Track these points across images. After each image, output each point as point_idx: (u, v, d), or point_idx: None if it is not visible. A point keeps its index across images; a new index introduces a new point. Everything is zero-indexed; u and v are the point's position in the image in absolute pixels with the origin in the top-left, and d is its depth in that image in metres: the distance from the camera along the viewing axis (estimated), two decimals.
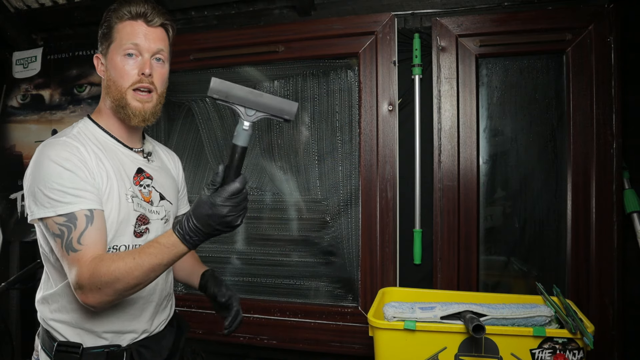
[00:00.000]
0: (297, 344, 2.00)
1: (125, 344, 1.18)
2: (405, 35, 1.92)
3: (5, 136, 2.53)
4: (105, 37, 1.18)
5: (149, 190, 1.22)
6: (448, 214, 1.85)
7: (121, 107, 1.16)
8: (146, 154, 1.28)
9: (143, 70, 1.14)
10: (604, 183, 1.73)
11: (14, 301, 2.45)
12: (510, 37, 1.82)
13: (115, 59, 1.15)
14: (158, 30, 1.18)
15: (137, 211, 1.17)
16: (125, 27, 1.15)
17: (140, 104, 1.16)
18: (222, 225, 0.97)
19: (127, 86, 1.15)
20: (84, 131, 1.18)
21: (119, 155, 1.19)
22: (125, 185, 1.16)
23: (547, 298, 1.50)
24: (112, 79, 1.16)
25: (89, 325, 1.14)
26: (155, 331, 1.26)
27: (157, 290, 1.24)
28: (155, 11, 1.17)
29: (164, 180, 1.30)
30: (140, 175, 1.21)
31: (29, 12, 2.41)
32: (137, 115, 1.16)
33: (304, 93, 2.09)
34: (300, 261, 2.09)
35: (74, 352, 1.13)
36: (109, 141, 1.20)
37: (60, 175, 1.05)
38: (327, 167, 2.05)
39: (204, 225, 0.97)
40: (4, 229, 2.49)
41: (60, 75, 2.45)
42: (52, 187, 1.04)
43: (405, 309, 1.42)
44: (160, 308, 1.27)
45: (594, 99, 1.74)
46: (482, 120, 1.89)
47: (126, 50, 1.14)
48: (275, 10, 2.16)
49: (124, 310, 1.17)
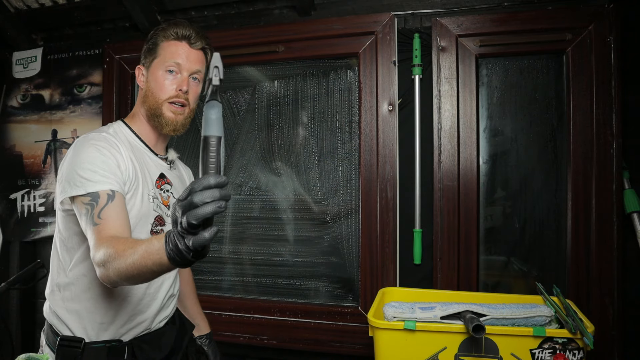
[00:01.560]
0: (297, 344, 2.00)
1: (127, 339, 1.22)
2: (405, 35, 1.92)
3: (5, 136, 2.53)
4: (150, 51, 1.29)
5: (167, 195, 1.32)
6: (448, 214, 1.85)
7: (156, 115, 1.26)
8: (169, 161, 1.38)
9: (181, 87, 1.25)
10: (604, 183, 1.73)
11: (14, 301, 2.45)
12: (510, 37, 1.82)
13: (156, 73, 1.26)
14: (199, 53, 1.29)
15: (156, 212, 1.26)
16: (170, 46, 1.26)
17: (174, 115, 1.26)
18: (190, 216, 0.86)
19: (164, 98, 1.25)
20: (118, 132, 1.27)
21: (145, 159, 1.29)
22: (148, 186, 1.25)
23: (547, 298, 1.50)
24: (151, 90, 1.26)
25: (98, 316, 1.18)
26: (155, 328, 1.29)
27: (163, 289, 1.29)
28: (198, 35, 1.28)
29: (181, 189, 1.36)
30: (162, 180, 1.32)
31: (29, 12, 2.41)
32: (169, 125, 1.26)
33: (304, 93, 2.09)
34: (300, 261, 2.09)
35: (76, 346, 1.17)
36: (138, 144, 1.29)
37: (95, 158, 1.13)
38: (327, 167, 2.05)
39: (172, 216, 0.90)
40: (4, 229, 2.49)
41: (60, 75, 2.45)
42: (86, 167, 1.12)
43: (405, 309, 1.42)
44: (163, 304, 1.31)
45: (594, 99, 1.74)
46: (482, 120, 1.89)
47: (168, 67, 1.25)
48: (275, 10, 2.16)
49: (132, 303, 1.22)
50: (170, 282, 1.33)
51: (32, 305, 2.51)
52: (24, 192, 2.48)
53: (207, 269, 2.21)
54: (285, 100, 2.11)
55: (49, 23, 2.45)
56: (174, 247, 0.79)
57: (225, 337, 2.08)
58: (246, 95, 2.17)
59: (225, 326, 2.09)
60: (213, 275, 2.20)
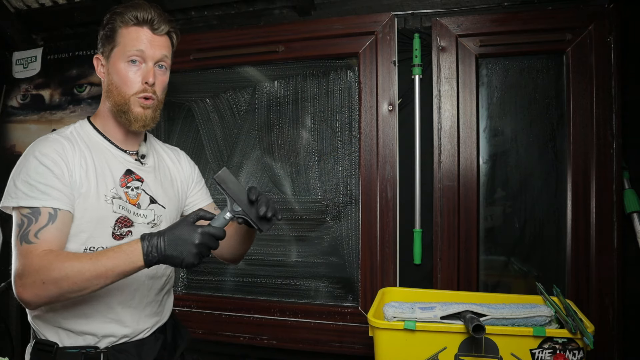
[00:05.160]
0: (297, 344, 2.00)
1: (103, 346, 1.16)
2: (405, 35, 1.92)
3: (5, 136, 2.53)
4: (107, 39, 1.17)
5: (137, 193, 1.21)
6: (448, 214, 1.85)
7: (123, 112, 1.17)
8: (140, 156, 1.27)
9: (147, 79, 1.15)
10: (604, 183, 1.73)
11: (14, 301, 2.45)
12: (510, 37, 1.82)
13: (118, 65, 1.15)
14: (163, 38, 1.18)
15: (117, 213, 1.16)
16: (130, 33, 1.15)
17: (142, 110, 1.17)
18: (185, 253, 1.00)
19: (130, 94, 1.15)
20: (78, 131, 1.19)
21: (107, 156, 1.19)
22: (107, 186, 1.15)
23: (547, 298, 1.50)
24: (115, 85, 1.16)
25: (66, 325, 1.14)
26: (137, 338, 1.22)
27: (137, 296, 1.21)
28: (161, 18, 1.17)
29: (159, 183, 1.28)
30: (128, 177, 1.20)
31: (29, 12, 2.41)
32: (138, 121, 1.17)
33: (304, 93, 2.09)
34: (300, 261, 2.09)
35: (49, 350, 1.13)
36: (100, 142, 1.20)
37: (36, 169, 1.07)
38: (327, 167, 2.05)
39: (170, 244, 1.00)
40: (4, 229, 2.49)
41: (60, 75, 2.45)
42: (24, 179, 1.07)
43: (405, 309, 1.42)
44: (143, 314, 1.23)
45: (594, 99, 1.74)
46: (482, 120, 1.89)
47: (130, 57, 1.14)
48: (275, 10, 2.16)
49: (101, 312, 1.16)
50: (146, 287, 1.23)
51: None
52: None
53: (207, 269, 2.21)
54: (285, 100, 2.11)
55: (49, 23, 2.45)
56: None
57: (225, 337, 2.08)
58: (246, 95, 2.17)
59: (225, 326, 2.09)
60: (213, 275, 2.20)
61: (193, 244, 1.00)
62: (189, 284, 2.23)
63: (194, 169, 1.44)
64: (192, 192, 1.41)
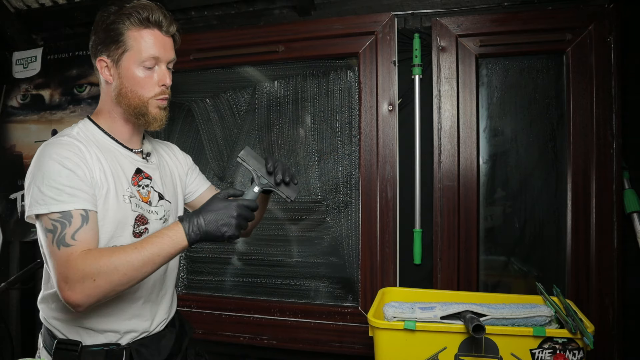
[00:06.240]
0: (297, 344, 2.00)
1: (125, 343, 1.19)
2: (405, 35, 1.92)
3: (5, 136, 2.53)
4: (113, 41, 1.14)
5: (147, 191, 1.23)
6: (448, 214, 1.85)
7: (141, 114, 1.18)
8: (145, 154, 1.28)
9: (164, 82, 1.18)
10: (604, 183, 1.73)
11: (14, 301, 2.45)
12: (510, 37, 1.82)
13: (132, 69, 1.15)
14: (171, 39, 1.20)
15: (135, 211, 1.18)
16: (143, 37, 1.14)
17: (159, 110, 1.19)
18: (225, 226, 1.07)
19: (149, 97, 1.17)
20: (84, 132, 1.18)
21: (117, 157, 1.20)
22: (123, 186, 1.17)
23: (547, 298, 1.50)
24: (129, 89, 1.16)
25: (88, 324, 1.15)
26: (155, 331, 1.26)
27: (155, 289, 1.25)
28: (169, 20, 1.17)
29: (163, 179, 1.30)
30: (139, 176, 1.22)
31: (29, 12, 2.41)
32: (157, 121, 1.20)
33: (304, 93, 2.09)
34: (300, 261, 2.09)
35: (73, 349, 1.13)
36: (108, 142, 1.20)
37: (59, 173, 1.06)
38: (327, 167, 2.05)
39: (210, 221, 1.06)
40: (4, 229, 2.49)
41: (60, 75, 2.45)
42: (49, 184, 1.05)
43: (405, 309, 1.42)
44: (159, 308, 1.27)
45: (594, 99, 1.74)
46: (482, 120, 1.89)
47: (146, 63, 1.15)
48: (275, 10, 2.16)
49: (123, 309, 1.18)
50: (160, 279, 1.27)
51: (32, 305, 2.49)
52: (24, 192, 2.47)
53: (208, 270, 2.21)
54: (285, 100, 2.11)
55: (49, 23, 2.45)
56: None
57: (225, 337, 2.08)
58: (246, 95, 2.17)
59: (225, 326, 2.09)
60: (213, 275, 2.20)
61: (232, 216, 1.07)
62: (189, 284, 2.23)
63: (187, 158, 1.48)
64: (190, 180, 1.45)
